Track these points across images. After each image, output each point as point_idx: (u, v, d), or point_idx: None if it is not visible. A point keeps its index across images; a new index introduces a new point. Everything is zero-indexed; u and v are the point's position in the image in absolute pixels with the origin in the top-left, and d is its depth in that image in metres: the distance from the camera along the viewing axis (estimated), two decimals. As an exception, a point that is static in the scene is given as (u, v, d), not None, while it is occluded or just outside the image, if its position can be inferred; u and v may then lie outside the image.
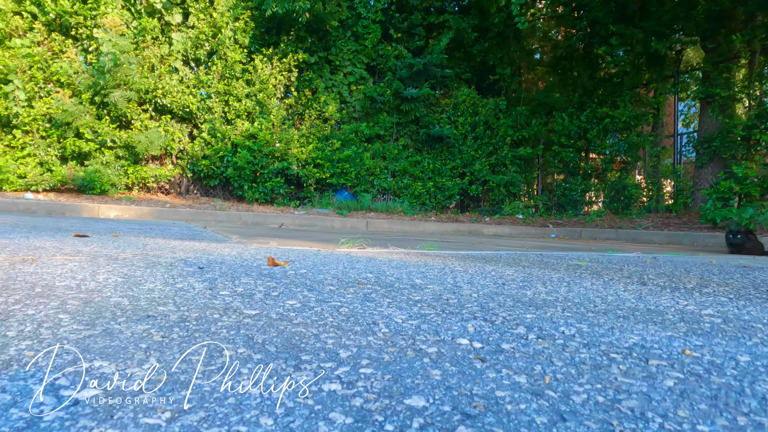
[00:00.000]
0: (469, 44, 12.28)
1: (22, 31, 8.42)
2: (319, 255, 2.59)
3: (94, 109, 8.94)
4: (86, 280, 1.43)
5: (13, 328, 0.88)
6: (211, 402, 0.60)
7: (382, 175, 11.46)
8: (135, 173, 9.47)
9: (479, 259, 2.87)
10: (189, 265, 1.88)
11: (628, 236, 9.20)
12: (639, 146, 10.98)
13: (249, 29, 10.05)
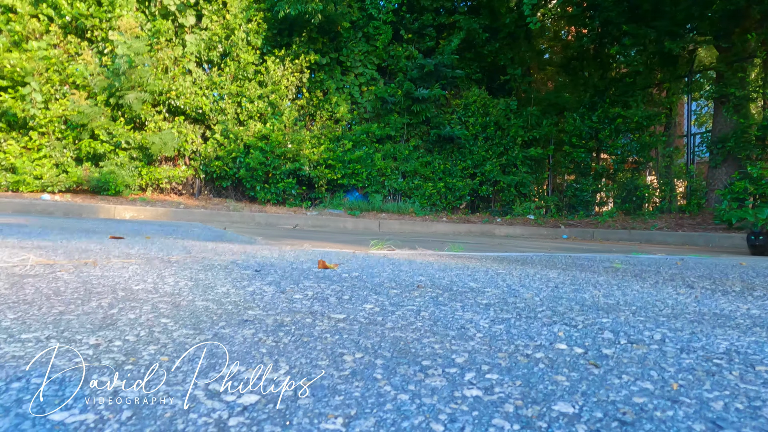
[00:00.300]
0: (479, 45, 12.28)
1: (38, 34, 8.47)
2: (358, 257, 2.60)
3: (108, 110, 8.98)
4: (158, 283, 1.45)
5: (129, 333, 0.90)
6: (373, 408, 0.62)
7: (393, 175, 11.48)
8: (149, 174, 9.51)
9: (513, 261, 2.87)
10: (243, 267, 1.90)
11: (641, 237, 9.18)
12: (651, 146, 10.96)
13: (261, 31, 10.08)
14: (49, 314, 1.01)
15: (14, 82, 8.21)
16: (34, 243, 2.46)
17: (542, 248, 5.55)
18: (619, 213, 11.23)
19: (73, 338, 0.85)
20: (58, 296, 1.18)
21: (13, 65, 8.03)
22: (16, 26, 8.18)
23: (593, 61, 12.58)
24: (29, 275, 1.46)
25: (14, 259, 1.73)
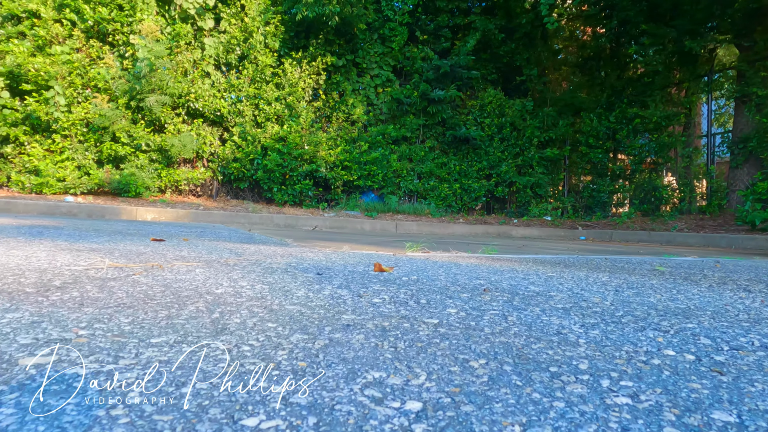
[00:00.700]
0: (495, 45, 12.25)
1: (61, 38, 8.57)
2: (403, 260, 2.61)
3: (129, 113, 9.07)
4: (236, 287, 1.46)
5: (250, 338, 0.91)
6: (540, 415, 0.62)
7: (409, 177, 11.48)
8: (168, 176, 9.59)
9: (554, 263, 2.86)
10: (302, 271, 1.91)
11: (661, 238, 9.11)
12: (671, 147, 10.87)
13: (279, 33, 10.14)
14: (158, 318, 1.02)
15: (38, 86, 8.31)
16: (85, 245, 2.49)
17: (569, 250, 5.52)
18: (637, 214, 11.15)
19: (200, 342, 0.86)
20: (152, 300, 1.20)
21: (37, 69, 8.13)
22: (40, 31, 8.28)
23: (610, 60, 12.51)
24: (109, 278, 1.48)
25: (84, 263, 1.75)
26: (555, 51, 13.71)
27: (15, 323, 0.92)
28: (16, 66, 8.05)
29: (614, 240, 9.66)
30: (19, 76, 8.20)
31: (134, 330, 0.92)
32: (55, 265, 1.68)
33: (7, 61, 8.04)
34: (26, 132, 8.52)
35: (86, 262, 1.79)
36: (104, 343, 0.82)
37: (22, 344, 0.80)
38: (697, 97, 10.89)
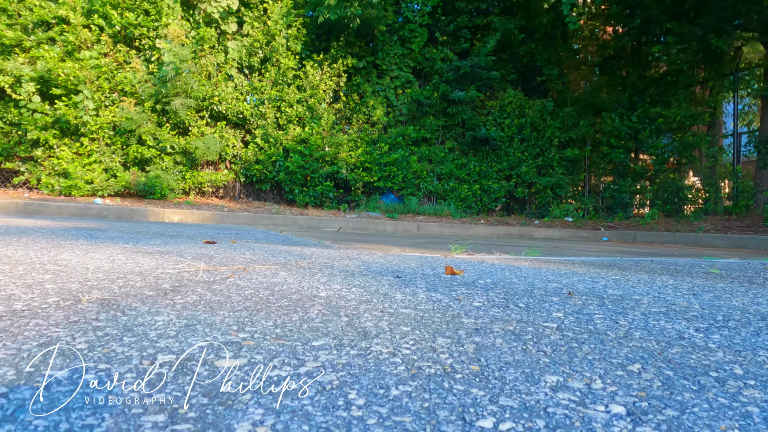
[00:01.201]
0: (515, 45, 12.23)
1: (90, 44, 8.70)
2: (461, 262, 2.62)
3: (155, 116, 9.18)
4: (334, 290, 1.48)
5: (404, 343, 0.93)
6: (749, 421, 0.63)
7: (428, 178, 11.49)
8: (192, 178, 9.69)
9: (610, 266, 2.85)
10: (379, 274, 1.93)
11: (687, 239, 9.01)
12: (695, 146, 10.76)
13: (301, 36, 10.20)
14: (295, 321, 1.05)
15: (68, 91, 8.44)
16: (150, 248, 2.53)
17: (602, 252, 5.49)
18: (660, 215, 11.06)
19: (360, 345, 0.89)
20: (271, 303, 1.23)
21: (67, 74, 8.26)
22: (70, 36, 8.42)
23: (631, 59, 12.42)
24: (210, 282, 1.51)
25: (171, 267, 1.79)
26: (575, 50, 13.63)
27: (172, 326, 0.95)
28: (47, 71, 8.18)
29: (638, 241, 9.58)
30: (49, 80, 8.33)
31: (286, 333, 0.94)
32: (146, 269, 1.71)
33: (38, 67, 8.18)
34: (55, 135, 8.65)
35: (172, 265, 1.83)
36: (274, 346, 0.85)
37: (200, 346, 0.82)
38: (722, 96, 10.78)
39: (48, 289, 1.26)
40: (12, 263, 1.70)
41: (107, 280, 1.44)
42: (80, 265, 1.77)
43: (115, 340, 0.85)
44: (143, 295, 1.25)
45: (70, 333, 0.87)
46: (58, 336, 0.85)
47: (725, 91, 10.64)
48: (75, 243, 2.64)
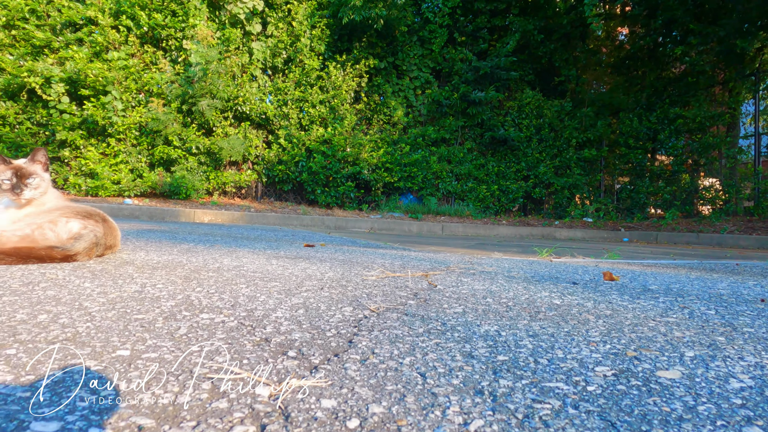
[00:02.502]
0: (534, 46, 12.25)
1: (117, 44, 8.77)
2: (582, 268, 2.64)
3: (180, 117, 9.25)
4: (554, 298, 1.56)
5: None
6: None
7: (448, 178, 11.53)
8: (216, 179, 9.75)
9: (715, 270, 2.79)
10: (553, 280, 1.98)
11: (711, 240, 9.02)
12: (715, 147, 10.77)
13: (324, 37, 10.25)
14: (591, 328, 1.11)
15: (96, 91, 8.51)
16: (273, 253, 2.58)
17: (655, 254, 5.52)
18: (679, 215, 11.07)
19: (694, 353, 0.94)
20: (541, 311, 1.30)
21: (96, 75, 8.33)
22: (98, 37, 8.49)
23: (649, 60, 12.43)
24: (436, 290, 1.59)
25: (355, 274, 1.86)
26: (594, 51, 13.64)
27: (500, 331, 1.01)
28: (76, 72, 8.26)
29: (660, 242, 9.59)
30: (78, 81, 8.40)
31: (603, 339, 1.01)
32: (338, 275, 1.80)
33: (67, 68, 8.26)
34: (82, 136, 8.73)
35: (355, 271, 1.89)
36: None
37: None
38: (743, 97, 10.77)
39: (308, 302, 1.31)
40: (211, 271, 1.76)
41: (329, 288, 1.51)
42: (271, 272, 1.84)
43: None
44: (405, 302, 1.33)
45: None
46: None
47: (746, 91, 10.64)
48: (214, 250, 2.67)
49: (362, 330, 1.05)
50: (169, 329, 0.99)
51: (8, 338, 0.88)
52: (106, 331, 0.95)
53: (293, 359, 0.84)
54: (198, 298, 1.29)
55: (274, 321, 1.09)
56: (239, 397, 0.67)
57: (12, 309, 1.10)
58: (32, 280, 1.41)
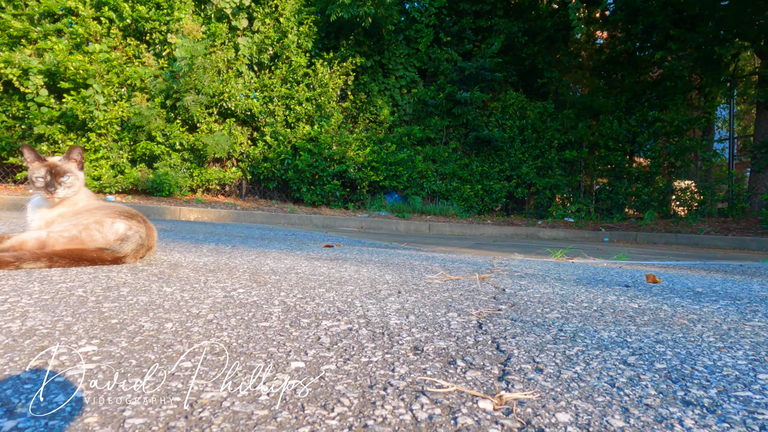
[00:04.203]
0: (518, 48, 12.41)
1: (99, 36, 8.46)
2: (608, 269, 2.66)
3: (164, 112, 8.99)
4: (605, 299, 1.56)
5: None
6: None
7: (432, 177, 11.57)
8: (200, 176, 9.53)
9: (726, 270, 2.86)
10: (604, 283, 1.98)
11: (689, 241, 9.31)
12: (691, 150, 11.14)
13: (312, 34, 10.14)
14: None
15: (76, 84, 8.19)
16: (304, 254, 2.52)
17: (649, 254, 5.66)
18: (656, 216, 11.40)
19: None
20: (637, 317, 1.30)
21: (76, 67, 8.01)
22: (79, 29, 8.17)
23: (628, 64, 12.76)
24: (495, 292, 1.57)
25: (422, 278, 1.82)
26: (575, 54, 13.92)
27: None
28: (55, 64, 7.93)
29: (640, 242, 9.85)
30: (57, 74, 8.07)
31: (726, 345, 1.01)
32: (408, 279, 1.77)
33: (46, 59, 7.92)
34: (61, 130, 8.39)
35: (412, 275, 1.85)
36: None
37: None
38: (718, 102, 11.18)
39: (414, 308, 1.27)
40: (271, 274, 1.70)
41: (407, 292, 1.47)
42: (328, 275, 1.80)
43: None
44: (497, 307, 1.31)
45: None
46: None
47: (722, 97, 11.05)
48: (202, 247, 2.60)
49: (494, 336, 1.03)
50: (313, 338, 0.95)
51: (177, 345, 0.82)
52: (257, 341, 0.91)
53: (474, 369, 0.81)
54: (295, 304, 1.25)
55: (399, 327, 1.07)
56: (471, 412, 0.64)
57: (130, 316, 1.04)
58: (109, 285, 1.35)
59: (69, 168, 1.75)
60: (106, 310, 1.10)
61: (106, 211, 1.76)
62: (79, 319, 1.00)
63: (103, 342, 0.87)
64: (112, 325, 0.98)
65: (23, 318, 1.00)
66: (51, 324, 0.96)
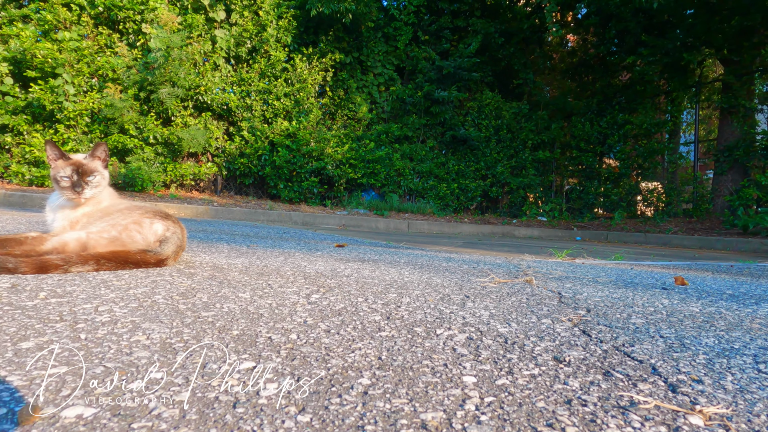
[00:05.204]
0: (494, 48, 12.55)
1: (68, 24, 8.13)
2: (632, 272, 2.71)
3: (138, 104, 8.73)
4: (658, 303, 1.58)
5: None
6: None
7: (410, 175, 11.62)
8: (174, 171, 9.30)
9: (725, 272, 2.95)
10: (646, 287, 2.01)
11: (658, 240, 9.63)
12: (659, 153, 11.53)
13: (291, 28, 10.01)
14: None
15: (44, 73, 7.85)
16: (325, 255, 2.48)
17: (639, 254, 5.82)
18: (625, 216, 11.76)
19: None
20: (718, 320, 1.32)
21: (44, 56, 7.69)
22: (47, 15, 7.83)
23: (599, 68, 13.09)
24: (554, 295, 1.58)
25: (459, 281, 1.81)
26: (549, 56, 14.18)
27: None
28: (21, 52, 7.58)
29: (611, 241, 10.14)
30: (23, 62, 7.72)
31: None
32: (459, 282, 1.76)
33: (11, 47, 7.56)
34: (27, 121, 8.04)
35: (460, 278, 1.85)
36: None
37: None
38: (684, 106, 11.60)
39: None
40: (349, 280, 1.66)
41: (474, 297, 1.45)
42: (373, 276, 1.77)
43: None
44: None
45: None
46: None
47: (688, 102, 11.47)
48: (217, 246, 2.52)
49: (613, 344, 1.03)
50: (449, 349, 0.94)
51: (335, 359, 0.81)
52: (399, 353, 0.89)
53: (640, 381, 0.81)
54: (389, 312, 1.23)
55: (515, 335, 1.06)
56: (693, 431, 0.64)
57: (244, 327, 1.00)
58: (180, 291, 1.30)
59: (95, 167, 1.68)
60: (211, 318, 1.05)
61: (140, 210, 1.70)
62: (197, 330, 0.95)
63: (254, 357, 0.82)
64: (236, 336, 0.93)
65: (138, 329, 0.93)
66: (176, 336, 0.91)
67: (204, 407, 0.62)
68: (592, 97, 12.75)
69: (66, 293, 1.19)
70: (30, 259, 1.35)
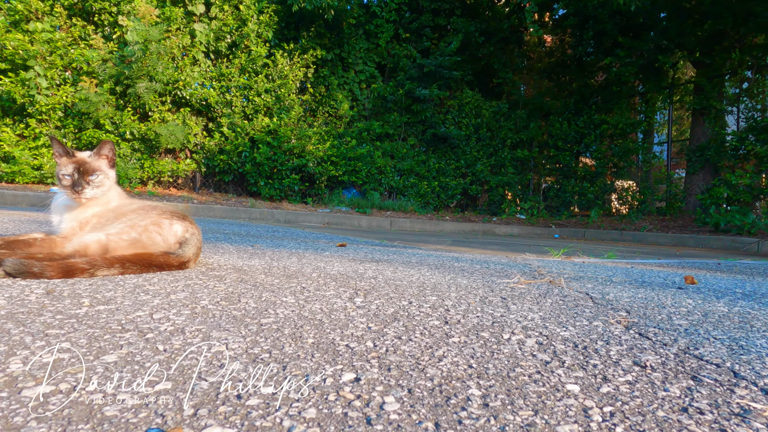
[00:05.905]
0: (474, 47, 12.64)
1: (40, 14, 7.83)
2: (637, 270, 2.75)
3: (114, 99, 8.47)
4: (681, 303, 1.60)
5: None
6: None
7: (391, 173, 11.62)
8: (151, 167, 9.08)
9: (723, 270, 3.01)
10: (660, 287, 2.03)
11: (633, 238, 9.87)
12: (634, 152, 11.83)
13: (272, 23, 9.86)
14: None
15: (14, 65, 7.55)
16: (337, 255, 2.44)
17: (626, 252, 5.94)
18: (601, 214, 12.03)
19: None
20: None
21: (15, 47, 7.38)
22: (18, 5, 7.52)
23: (576, 68, 13.33)
24: (585, 296, 1.58)
25: (499, 281, 1.80)
26: (528, 56, 14.36)
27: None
28: (-10, 42, 7.27)
29: (587, 238, 10.34)
30: (-8, 53, 7.41)
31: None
32: (487, 283, 1.75)
33: (-21, 36, 7.25)
34: (-4, 115, 7.73)
35: (486, 280, 1.84)
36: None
37: None
38: (658, 107, 11.93)
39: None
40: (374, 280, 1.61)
41: (513, 299, 1.44)
42: (396, 278, 1.74)
43: None
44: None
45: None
46: None
47: (662, 103, 11.79)
48: (223, 246, 2.46)
49: (680, 346, 1.04)
50: (529, 356, 0.92)
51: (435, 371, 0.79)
52: (487, 361, 0.87)
53: (737, 387, 0.80)
54: (443, 315, 1.22)
55: (580, 340, 1.05)
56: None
57: (315, 335, 0.97)
58: (222, 297, 1.25)
59: (99, 166, 1.61)
60: (275, 326, 1.02)
61: (157, 211, 1.64)
62: (272, 339, 0.92)
63: (348, 367, 0.79)
64: (314, 345, 0.90)
65: (211, 339, 0.89)
66: (254, 345, 0.87)
67: (339, 425, 0.59)
68: (570, 97, 12.98)
69: (108, 300, 1.14)
70: (55, 263, 1.29)
